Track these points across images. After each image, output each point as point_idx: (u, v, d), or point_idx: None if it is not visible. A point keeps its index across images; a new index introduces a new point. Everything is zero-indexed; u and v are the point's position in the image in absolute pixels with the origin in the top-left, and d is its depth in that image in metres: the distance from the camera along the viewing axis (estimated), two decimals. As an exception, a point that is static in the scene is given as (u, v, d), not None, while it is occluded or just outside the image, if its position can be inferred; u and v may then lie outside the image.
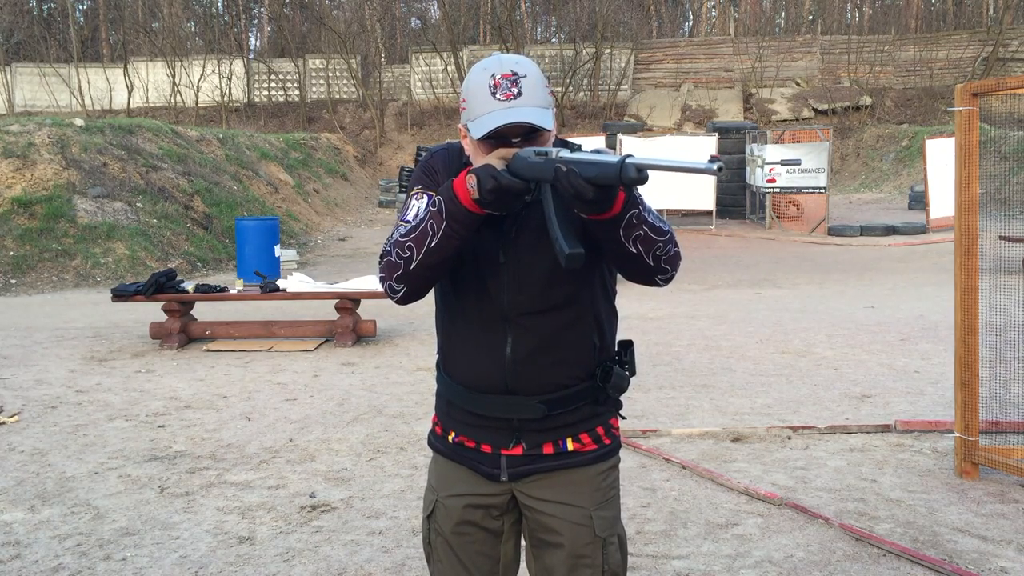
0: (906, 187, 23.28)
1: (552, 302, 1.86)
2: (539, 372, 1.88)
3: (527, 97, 1.77)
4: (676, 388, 6.25)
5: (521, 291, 1.85)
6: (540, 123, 1.75)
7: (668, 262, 1.77)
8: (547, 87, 1.83)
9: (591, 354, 1.92)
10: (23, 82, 32.95)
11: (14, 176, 14.22)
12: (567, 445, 1.93)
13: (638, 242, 1.70)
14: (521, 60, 1.83)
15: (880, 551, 3.52)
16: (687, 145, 19.19)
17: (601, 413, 1.97)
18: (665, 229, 1.75)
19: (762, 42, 31.46)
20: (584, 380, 1.92)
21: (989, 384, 4.48)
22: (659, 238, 1.73)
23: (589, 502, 1.93)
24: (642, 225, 1.69)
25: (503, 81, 1.77)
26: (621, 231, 1.67)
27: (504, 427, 1.92)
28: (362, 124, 31.34)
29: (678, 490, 4.25)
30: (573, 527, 1.92)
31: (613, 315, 2.00)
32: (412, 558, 3.57)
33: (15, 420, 5.74)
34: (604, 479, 1.97)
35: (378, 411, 5.80)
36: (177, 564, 3.56)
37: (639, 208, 1.68)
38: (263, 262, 11.96)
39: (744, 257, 14.77)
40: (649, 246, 1.72)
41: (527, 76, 1.78)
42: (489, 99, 1.77)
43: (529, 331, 1.87)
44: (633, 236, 1.69)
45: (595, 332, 1.92)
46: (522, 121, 1.74)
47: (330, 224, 20.15)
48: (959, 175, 4.26)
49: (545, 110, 1.79)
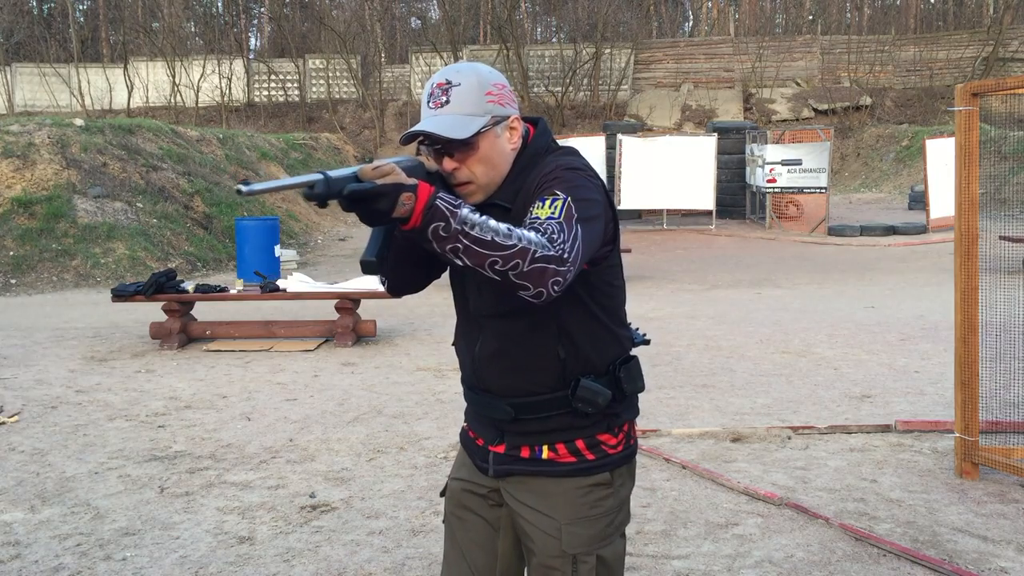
0: (906, 187, 23.30)
1: (510, 306, 1.84)
2: (500, 374, 1.92)
3: (453, 106, 1.82)
4: (676, 388, 6.25)
5: (482, 292, 1.91)
6: (444, 133, 1.79)
7: (522, 278, 1.62)
8: (490, 96, 1.84)
9: (555, 364, 1.88)
10: (23, 82, 32.97)
11: (14, 176, 14.23)
12: (542, 452, 1.92)
13: (462, 255, 1.61)
14: (464, 68, 1.86)
15: (880, 551, 3.52)
16: (687, 145, 19.20)
17: (583, 426, 1.91)
18: (505, 244, 1.60)
19: (762, 42, 31.47)
20: (555, 390, 1.89)
21: (989, 384, 4.48)
22: (491, 252, 1.60)
23: (561, 515, 1.89)
24: (458, 238, 1.59)
25: (436, 90, 1.85)
26: (435, 243, 1.61)
27: (491, 424, 1.98)
28: (362, 124, 31.36)
29: (678, 490, 4.25)
30: (543, 536, 1.90)
31: (599, 329, 1.92)
32: (412, 558, 3.57)
33: (15, 420, 5.74)
34: (584, 495, 1.90)
35: (378, 411, 5.80)
36: (177, 564, 3.56)
37: (449, 221, 1.59)
38: (263, 262, 11.96)
39: (744, 257, 14.77)
40: (480, 260, 1.61)
41: (460, 85, 1.83)
42: (424, 106, 1.87)
43: (492, 333, 1.92)
44: (449, 248, 1.60)
45: (560, 343, 1.88)
46: (420, 130, 1.81)
47: (330, 224, 20.15)
48: (959, 175, 4.26)
49: (468, 118, 1.82)
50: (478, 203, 1.89)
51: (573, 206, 1.72)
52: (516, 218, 1.81)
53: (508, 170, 1.89)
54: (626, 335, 1.99)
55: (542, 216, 1.70)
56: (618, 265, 1.97)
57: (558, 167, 1.83)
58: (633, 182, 18.82)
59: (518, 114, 1.91)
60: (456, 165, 1.85)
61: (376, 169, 1.60)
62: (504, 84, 1.90)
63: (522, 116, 1.94)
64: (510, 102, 1.90)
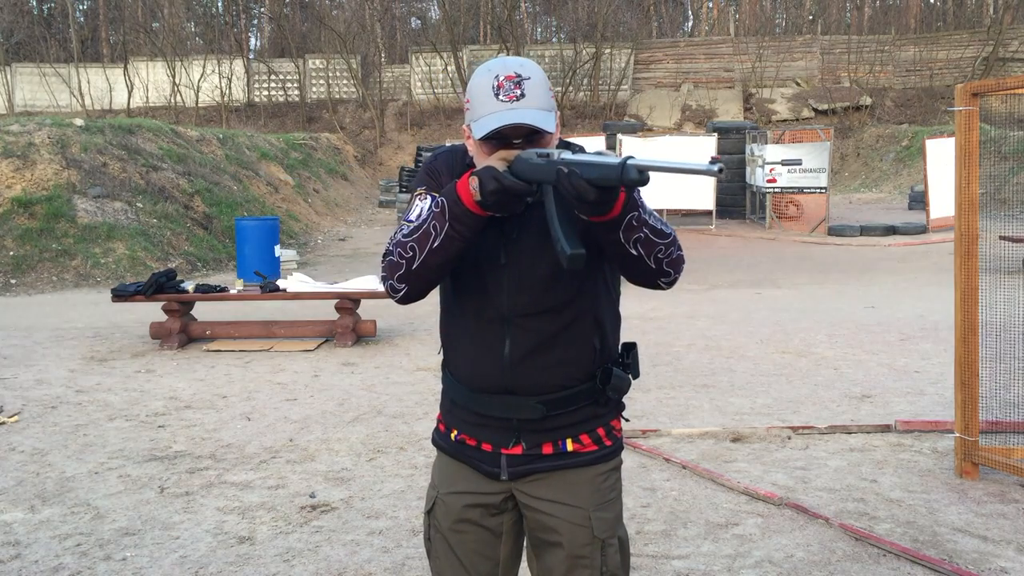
0: (906, 187, 23.29)
1: (552, 303, 1.86)
2: (537, 373, 1.89)
3: (530, 99, 1.79)
4: (676, 388, 6.25)
5: (521, 292, 1.86)
6: (542, 125, 1.77)
7: (671, 265, 1.78)
8: (550, 90, 1.86)
9: (591, 356, 1.92)
10: (23, 82, 32.97)
11: (14, 176, 14.23)
12: (567, 446, 1.93)
13: (639, 244, 1.71)
14: (525, 63, 1.84)
15: (880, 551, 3.52)
16: (687, 145, 19.19)
17: (602, 415, 1.97)
18: (667, 232, 1.75)
19: (762, 42, 31.46)
20: (584, 381, 1.92)
21: (989, 384, 4.48)
22: (660, 241, 1.73)
23: (588, 503, 1.93)
24: (642, 227, 1.70)
25: (506, 83, 1.79)
26: (621, 233, 1.68)
27: (504, 427, 1.93)
28: (362, 124, 31.36)
29: (678, 490, 4.25)
30: (572, 527, 1.92)
31: (616, 317, 2.00)
32: (412, 558, 3.57)
33: (15, 420, 5.74)
34: (604, 480, 1.96)
35: (378, 411, 5.80)
36: (177, 564, 3.56)
37: (639, 210, 1.69)
38: (263, 262, 11.96)
39: (744, 257, 14.77)
40: (650, 248, 1.72)
41: (531, 79, 1.80)
42: (492, 100, 1.79)
43: (528, 332, 1.87)
44: (633, 238, 1.69)
45: (595, 334, 1.92)
46: (523, 123, 1.75)
47: (330, 224, 20.15)
48: (959, 175, 4.26)
49: (547, 112, 1.81)
50: None
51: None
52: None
53: None
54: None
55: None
56: None
57: None
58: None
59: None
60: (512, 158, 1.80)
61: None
62: None
63: None
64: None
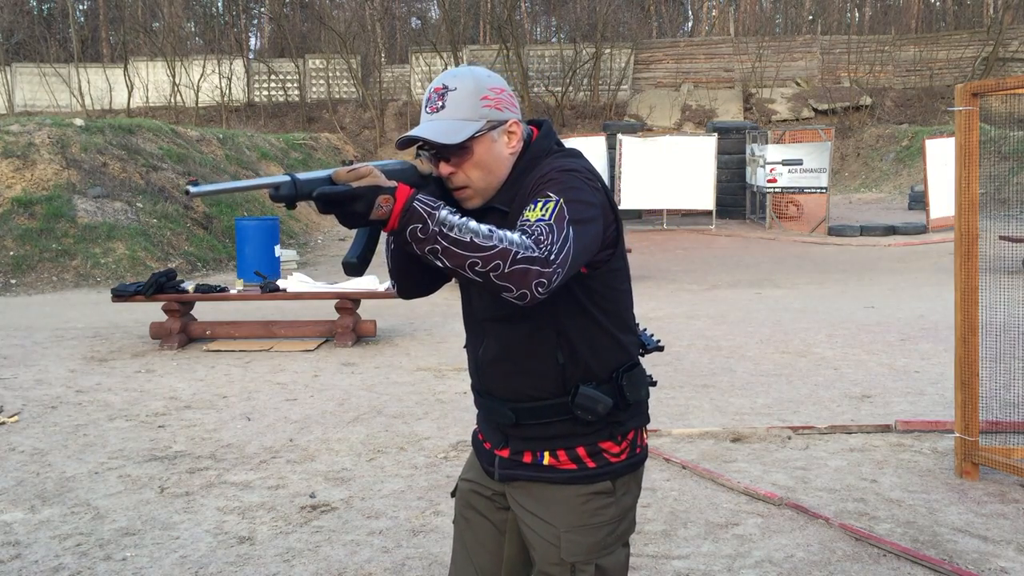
0: (906, 187, 23.29)
1: (509, 310, 1.82)
2: (503, 378, 1.92)
3: (448, 111, 1.83)
4: (676, 388, 6.25)
5: (481, 296, 1.92)
6: (436, 138, 1.81)
7: (504, 279, 1.60)
8: (486, 100, 1.84)
9: (555, 369, 1.86)
10: (23, 82, 32.95)
11: (14, 176, 14.23)
12: (543, 458, 1.91)
13: (441, 256, 1.61)
14: (462, 73, 1.86)
15: (880, 551, 3.52)
16: (687, 145, 19.20)
17: (584, 433, 1.88)
18: (486, 245, 1.59)
19: (762, 42, 31.46)
20: (555, 395, 1.88)
21: (989, 384, 4.48)
22: (470, 253, 1.59)
23: (561, 522, 1.88)
24: (436, 239, 1.59)
25: (432, 95, 1.86)
26: (414, 245, 1.62)
27: (497, 428, 1.98)
28: (362, 124, 31.36)
29: (678, 490, 4.25)
30: (542, 543, 1.89)
31: (600, 335, 1.89)
32: (412, 558, 3.57)
33: (15, 420, 5.74)
34: (585, 503, 1.88)
35: (378, 411, 5.80)
36: (177, 564, 3.56)
37: (427, 222, 1.59)
38: (263, 262, 11.96)
39: (744, 257, 14.77)
40: (459, 261, 1.60)
41: (456, 90, 1.84)
42: (423, 111, 1.89)
43: (494, 336, 1.92)
44: (428, 249, 1.61)
45: (560, 348, 1.86)
46: (411, 135, 1.83)
47: (330, 224, 20.14)
48: (959, 175, 4.26)
49: (460, 123, 1.82)
50: (476, 207, 1.89)
51: (566, 208, 1.70)
52: (513, 221, 1.79)
53: (507, 174, 1.88)
54: (632, 341, 1.96)
55: (532, 218, 1.68)
56: (622, 269, 1.93)
57: (553, 169, 1.81)
58: (633, 182, 18.82)
59: (517, 118, 1.89)
60: (452, 170, 1.86)
61: (352, 171, 1.62)
62: (503, 88, 1.88)
63: (527, 119, 1.94)
64: (509, 106, 1.88)
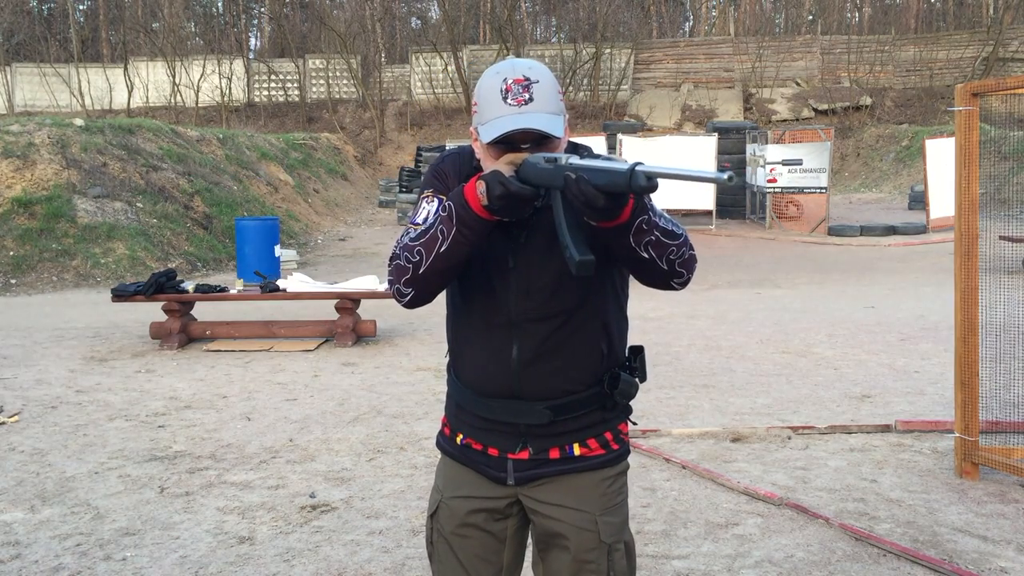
0: (906, 187, 23.28)
1: (560, 307, 1.85)
2: (545, 377, 1.87)
3: (538, 103, 1.76)
4: (676, 388, 6.25)
5: (529, 296, 1.85)
6: (550, 130, 1.74)
7: (683, 266, 1.75)
8: (559, 93, 1.83)
9: (598, 360, 1.90)
10: (23, 82, 32.96)
11: (14, 176, 14.22)
12: (574, 450, 1.92)
13: (650, 247, 1.68)
14: (534, 65, 1.82)
15: (880, 551, 3.52)
16: (687, 145, 19.19)
17: (609, 419, 1.95)
18: (678, 233, 1.73)
19: (762, 42, 31.46)
20: (591, 386, 1.90)
21: (989, 384, 4.48)
22: (671, 242, 1.70)
23: (595, 507, 1.92)
24: (653, 230, 1.67)
25: (515, 86, 1.76)
26: (631, 237, 1.66)
27: (511, 431, 1.92)
28: (362, 124, 31.35)
29: (678, 490, 4.25)
30: (579, 532, 1.91)
31: (623, 321, 1.98)
32: (412, 558, 3.57)
33: (15, 420, 5.74)
34: (611, 484, 1.95)
35: (378, 411, 5.80)
36: (177, 564, 3.56)
37: (649, 213, 1.66)
38: (263, 262, 11.96)
39: (744, 257, 14.77)
40: (662, 250, 1.70)
41: (539, 82, 1.77)
42: (500, 104, 1.77)
43: (535, 336, 1.86)
44: (644, 241, 1.67)
45: (603, 339, 1.90)
46: (531, 127, 1.73)
47: (330, 224, 20.14)
48: (959, 175, 4.26)
49: (556, 116, 1.78)
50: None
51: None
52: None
53: None
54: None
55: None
56: None
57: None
58: (633, 182, 18.79)
59: None
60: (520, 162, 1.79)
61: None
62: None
63: None
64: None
